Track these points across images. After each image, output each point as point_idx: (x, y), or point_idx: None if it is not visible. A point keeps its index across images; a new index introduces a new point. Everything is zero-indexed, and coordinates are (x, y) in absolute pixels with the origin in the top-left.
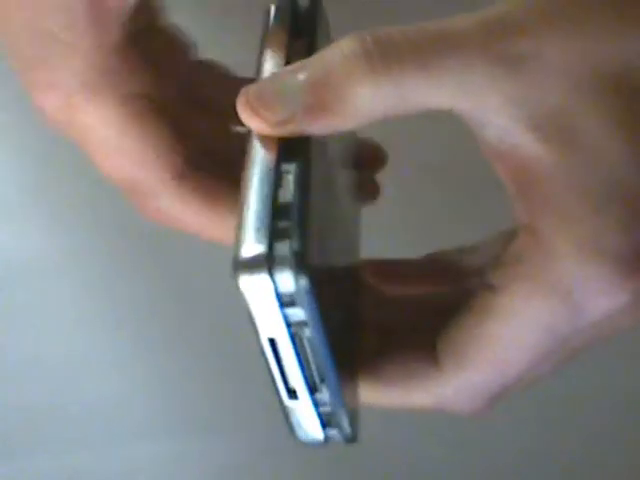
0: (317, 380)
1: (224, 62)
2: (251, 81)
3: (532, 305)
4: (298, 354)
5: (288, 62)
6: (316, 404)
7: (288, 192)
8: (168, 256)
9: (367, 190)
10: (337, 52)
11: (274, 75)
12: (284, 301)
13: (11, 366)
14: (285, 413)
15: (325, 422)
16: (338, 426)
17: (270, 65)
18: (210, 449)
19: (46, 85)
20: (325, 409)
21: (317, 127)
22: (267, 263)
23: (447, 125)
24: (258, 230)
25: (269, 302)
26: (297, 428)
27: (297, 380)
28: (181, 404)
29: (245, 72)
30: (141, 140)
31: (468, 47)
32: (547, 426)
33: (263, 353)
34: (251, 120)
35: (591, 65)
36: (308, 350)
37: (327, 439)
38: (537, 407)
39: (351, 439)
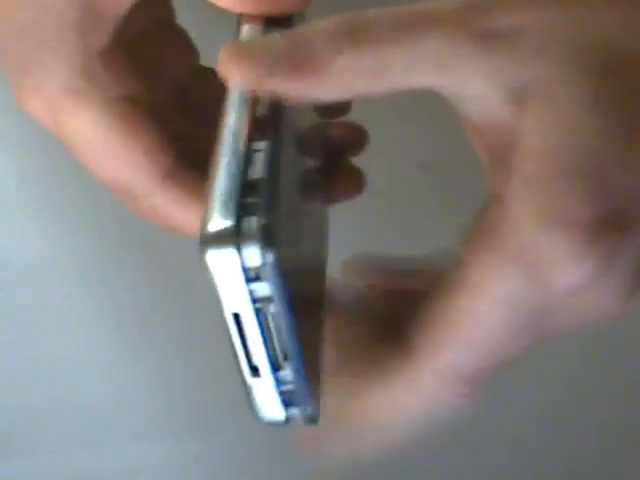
0: (280, 358)
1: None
2: None
3: (499, 277)
4: (262, 331)
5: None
6: (278, 382)
7: (258, 169)
8: (169, 256)
9: (350, 178)
10: (320, 23)
11: (257, 37)
12: (250, 276)
13: (11, 366)
14: (247, 391)
15: (287, 401)
16: (300, 405)
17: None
18: (210, 449)
19: (32, 88)
20: (287, 387)
21: (295, 87)
22: (234, 237)
23: (446, 124)
24: (226, 205)
25: (235, 277)
26: (259, 407)
27: (260, 357)
28: (181, 404)
29: None
30: (128, 141)
31: (447, 23)
32: (547, 427)
33: (227, 329)
34: (230, 72)
35: (572, 39)
36: (272, 327)
37: (288, 419)
38: (536, 408)
39: (312, 420)
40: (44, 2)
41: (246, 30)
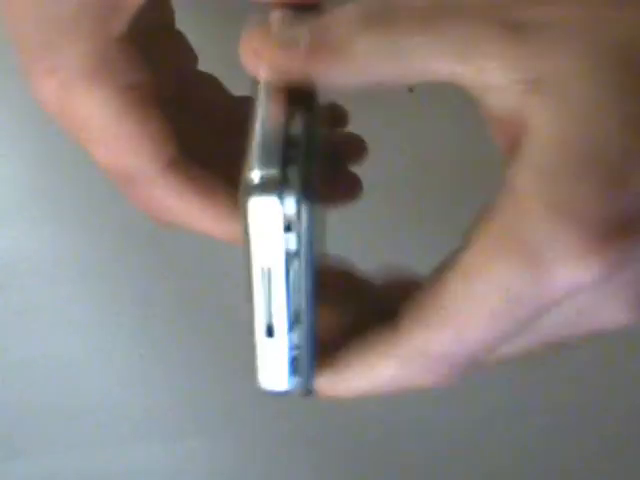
0: (294, 319)
1: (223, 73)
2: (243, 100)
3: (496, 264)
4: (288, 287)
5: None
6: (291, 345)
7: (297, 126)
8: (169, 257)
9: (348, 184)
10: (341, 9)
11: (278, 23)
12: (285, 226)
13: (11, 366)
14: (256, 355)
15: (294, 369)
16: (303, 375)
17: None
18: (210, 449)
19: (46, 70)
20: (296, 352)
21: (315, 69)
22: (278, 186)
23: (448, 124)
24: (270, 154)
25: (274, 227)
26: (264, 371)
27: (280, 315)
28: (181, 405)
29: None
30: (136, 126)
31: (472, 13)
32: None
33: (251, 285)
34: (251, 58)
35: (596, 35)
36: (292, 284)
37: (291, 388)
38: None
39: (310, 392)
40: None
41: (276, 16)
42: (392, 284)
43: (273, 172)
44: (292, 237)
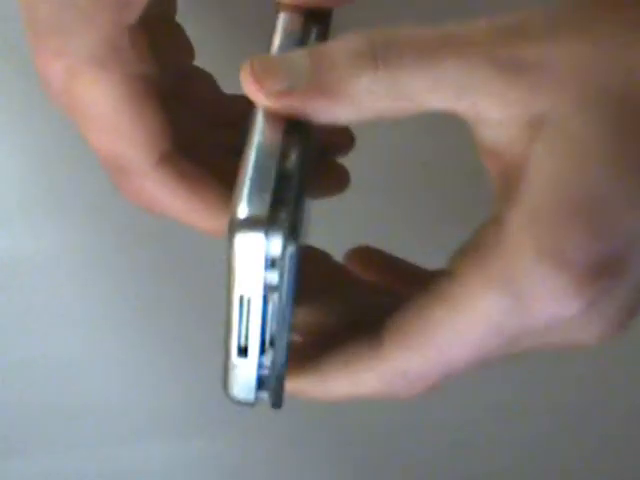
0: (268, 344)
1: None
2: (236, 99)
3: (481, 296)
4: (264, 317)
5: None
6: (260, 366)
7: (291, 163)
8: (170, 257)
9: (335, 176)
10: (344, 42)
11: (282, 53)
12: (268, 264)
13: (10, 366)
14: (226, 369)
15: (260, 384)
16: (272, 390)
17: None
18: (211, 450)
19: (55, 52)
20: (265, 372)
21: (314, 107)
22: (265, 224)
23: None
24: (260, 193)
25: (256, 262)
26: (234, 386)
27: (253, 340)
28: (181, 404)
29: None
30: (136, 119)
31: (471, 50)
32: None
33: (229, 309)
34: (251, 87)
35: (596, 78)
36: (270, 314)
37: (256, 401)
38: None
39: (278, 405)
40: None
41: (284, 19)
42: (380, 279)
43: (262, 210)
44: (274, 274)
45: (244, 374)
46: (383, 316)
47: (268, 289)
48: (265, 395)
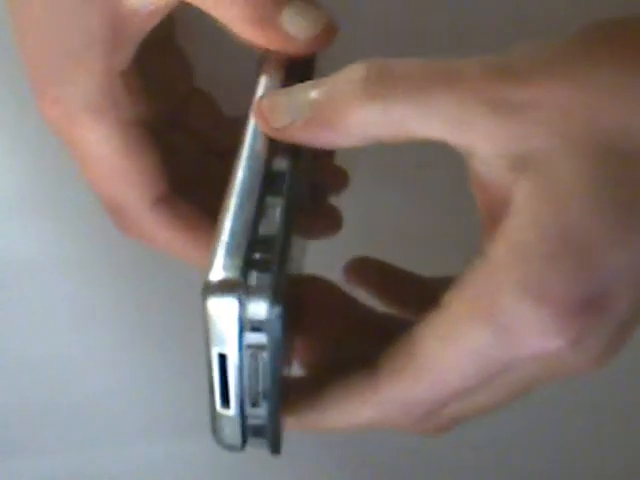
0: (260, 397)
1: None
2: (235, 121)
3: (467, 329)
4: (241, 374)
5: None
6: (244, 417)
7: (272, 225)
8: (168, 258)
9: (328, 218)
10: (343, 75)
11: (290, 88)
12: (252, 326)
13: (9, 366)
14: (212, 417)
15: (257, 432)
16: (269, 437)
17: (265, 85)
18: (211, 450)
19: (52, 99)
20: (260, 422)
21: (313, 137)
22: (237, 289)
23: None
24: (232, 256)
25: (231, 325)
26: (220, 433)
27: (233, 395)
28: (182, 405)
29: (237, 99)
30: (132, 165)
31: (463, 87)
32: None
33: (209, 363)
34: (260, 123)
35: (585, 121)
36: (260, 371)
37: (244, 446)
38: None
39: (276, 450)
40: (77, 18)
41: (265, 75)
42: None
43: (235, 275)
44: (261, 336)
45: (229, 423)
46: (377, 348)
47: (256, 348)
48: (263, 442)
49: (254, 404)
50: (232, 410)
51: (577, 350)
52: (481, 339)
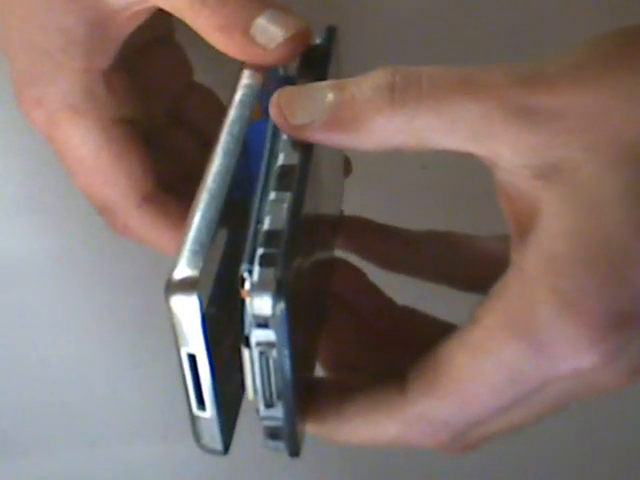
0: (275, 397)
1: (217, 84)
2: None
3: (501, 344)
4: (213, 371)
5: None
6: (222, 419)
7: (280, 220)
8: (167, 258)
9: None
10: (368, 79)
11: (310, 85)
12: (258, 323)
13: (8, 366)
14: (191, 421)
15: (275, 435)
16: (287, 440)
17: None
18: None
19: (34, 100)
20: (276, 423)
21: (332, 139)
22: (199, 286)
23: None
24: (194, 254)
25: (194, 322)
26: (200, 436)
27: (207, 394)
28: (182, 405)
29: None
30: (115, 164)
31: (489, 96)
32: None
33: (180, 363)
34: (278, 120)
35: (613, 130)
36: (272, 370)
37: (222, 451)
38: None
39: (295, 453)
40: (54, 17)
41: (245, 77)
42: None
43: (195, 272)
44: (268, 332)
45: (207, 425)
46: (406, 353)
47: (265, 346)
48: (281, 445)
49: (268, 405)
50: (209, 412)
51: (614, 365)
52: (515, 354)
